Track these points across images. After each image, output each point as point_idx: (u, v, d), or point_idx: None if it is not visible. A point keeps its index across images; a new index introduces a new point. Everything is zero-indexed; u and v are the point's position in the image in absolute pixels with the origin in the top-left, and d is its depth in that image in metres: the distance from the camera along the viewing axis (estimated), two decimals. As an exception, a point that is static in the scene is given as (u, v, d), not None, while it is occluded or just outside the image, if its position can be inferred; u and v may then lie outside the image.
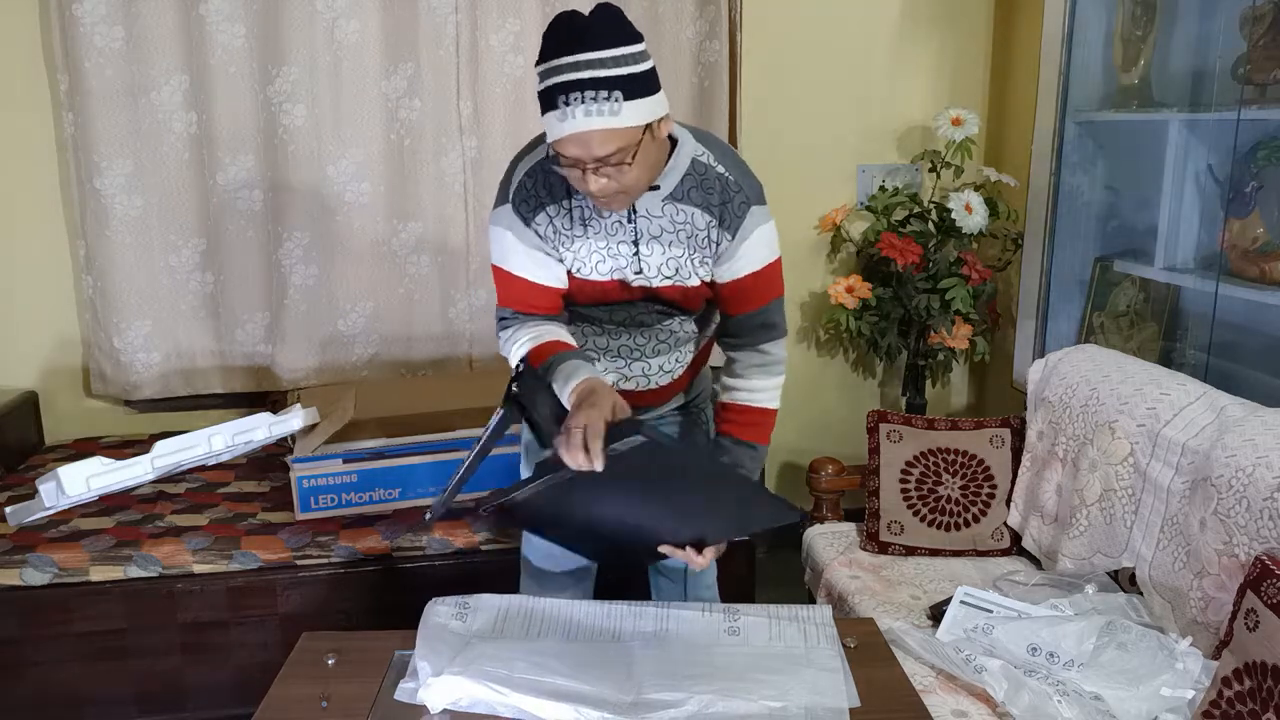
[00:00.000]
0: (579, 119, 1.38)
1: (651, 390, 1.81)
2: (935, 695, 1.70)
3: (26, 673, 2.30)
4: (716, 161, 1.59)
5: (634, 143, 1.42)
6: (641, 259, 1.61)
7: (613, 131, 1.39)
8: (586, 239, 1.60)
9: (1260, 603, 1.48)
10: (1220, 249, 2.32)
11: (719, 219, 1.59)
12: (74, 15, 2.70)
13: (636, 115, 1.40)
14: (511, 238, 1.62)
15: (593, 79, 1.37)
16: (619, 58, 1.39)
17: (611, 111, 1.38)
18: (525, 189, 1.60)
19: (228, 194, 2.88)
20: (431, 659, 1.46)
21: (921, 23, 3.20)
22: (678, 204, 1.57)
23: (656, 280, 1.63)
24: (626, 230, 1.59)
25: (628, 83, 1.39)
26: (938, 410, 3.38)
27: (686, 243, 1.60)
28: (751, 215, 1.60)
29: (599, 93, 1.37)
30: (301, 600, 2.35)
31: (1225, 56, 2.31)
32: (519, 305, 1.66)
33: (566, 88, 1.37)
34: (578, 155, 1.42)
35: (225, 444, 2.47)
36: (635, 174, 1.45)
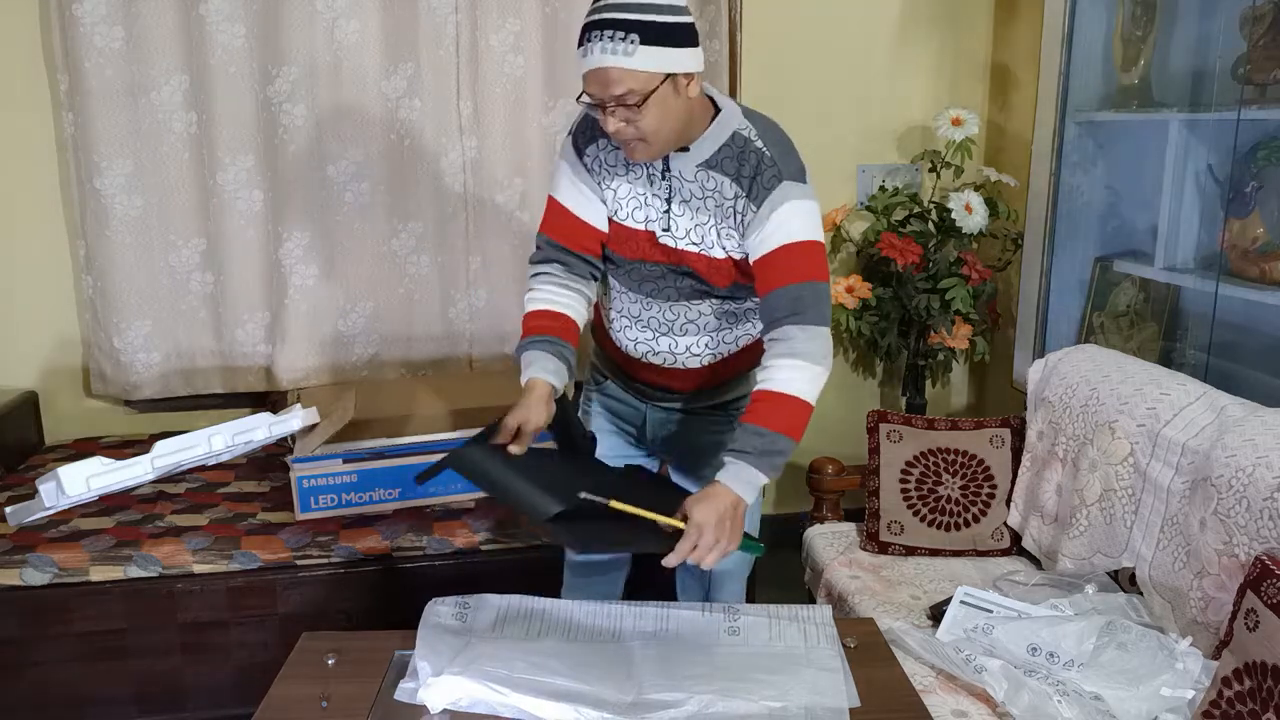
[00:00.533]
0: (595, 55, 1.48)
1: (679, 369, 1.81)
2: (935, 695, 1.70)
3: (26, 673, 2.30)
4: (758, 137, 1.62)
5: (648, 88, 1.48)
6: (672, 218, 1.65)
7: (625, 71, 1.47)
8: (627, 181, 1.66)
9: (1260, 603, 1.48)
10: (1220, 249, 2.32)
11: (747, 191, 1.60)
12: (74, 15, 2.70)
13: (651, 61, 1.47)
14: (565, 167, 1.71)
15: (612, 20, 1.46)
16: (646, 5, 1.47)
17: (625, 52, 1.46)
18: (586, 121, 1.70)
19: (228, 194, 2.88)
20: (431, 659, 1.46)
21: (921, 23, 3.20)
22: (710, 171, 1.60)
23: (683, 243, 1.66)
24: (660, 186, 1.64)
25: (647, 28, 1.46)
26: (938, 410, 3.38)
27: (714, 211, 1.62)
28: (782, 188, 1.60)
29: (616, 33, 1.46)
30: (301, 600, 2.35)
31: (1225, 56, 2.31)
32: (555, 233, 1.74)
33: (590, 26, 1.49)
34: (596, 93, 1.51)
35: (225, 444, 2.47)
36: (651, 122, 1.50)
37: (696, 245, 1.65)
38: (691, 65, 1.52)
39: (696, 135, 1.59)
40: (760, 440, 1.57)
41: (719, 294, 1.73)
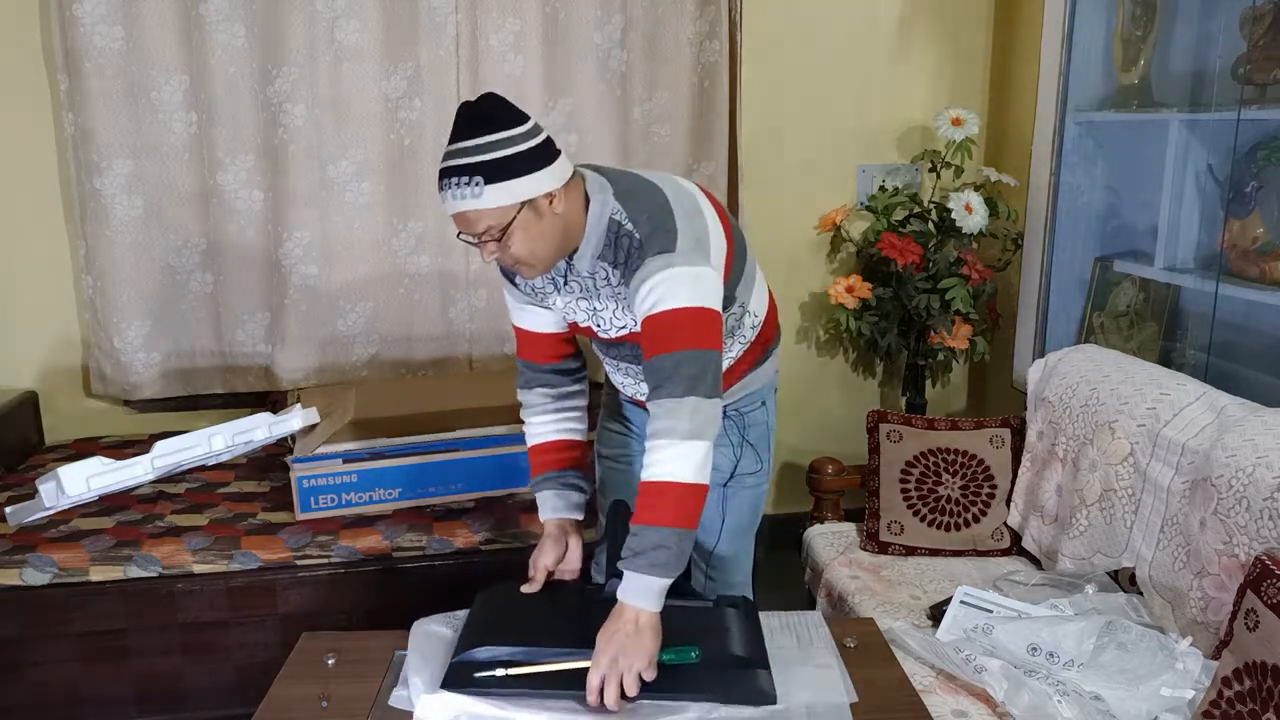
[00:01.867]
0: (449, 202, 1.52)
1: None
2: (935, 695, 1.70)
3: (26, 673, 2.30)
4: (628, 220, 1.58)
5: (506, 220, 1.51)
6: (597, 313, 1.69)
7: (478, 212, 1.50)
8: (557, 294, 1.71)
9: (1260, 603, 1.48)
10: (1220, 249, 2.32)
11: (621, 275, 1.60)
12: (74, 15, 2.70)
13: (501, 196, 1.49)
14: (509, 296, 1.79)
15: (455, 166, 1.50)
16: (484, 145, 1.49)
17: (474, 195, 1.49)
18: None
19: (228, 194, 2.88)
20: (423, 674, 1.47)
21: (921, 23, 3.20)
22: (600, 263, 1.62)
23: (612, 332, 1.71)
24: (576, 290, 1.69)
25: (490, 167, 1.48)
26: (938, 410, 3.38)
27: (613, 298, 1.66)
28: (646, 265, 1.54)
29: (460, 179, 1.49)
30: (301, 600, 2.35)
31: (1225, 56, 2.31)
32: (526, 354, 1.81)
33: (442, 174, 1.52)
34: (464, 231, 1.54)
35: (225, 444, 2.47)
36: (522, 247, 1.54)
37: (623, 329, 1.69)
38: (548, 185, 1.52)
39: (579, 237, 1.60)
40: (636, 540, 1.48)
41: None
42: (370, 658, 1.57)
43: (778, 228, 3.25)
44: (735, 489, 1.90)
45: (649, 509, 1.49)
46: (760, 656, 1.48)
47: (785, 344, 3.33)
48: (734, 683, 1.44)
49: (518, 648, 1.47)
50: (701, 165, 3.10)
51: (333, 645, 1.61)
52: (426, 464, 2.50)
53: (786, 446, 3.35)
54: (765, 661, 1.47)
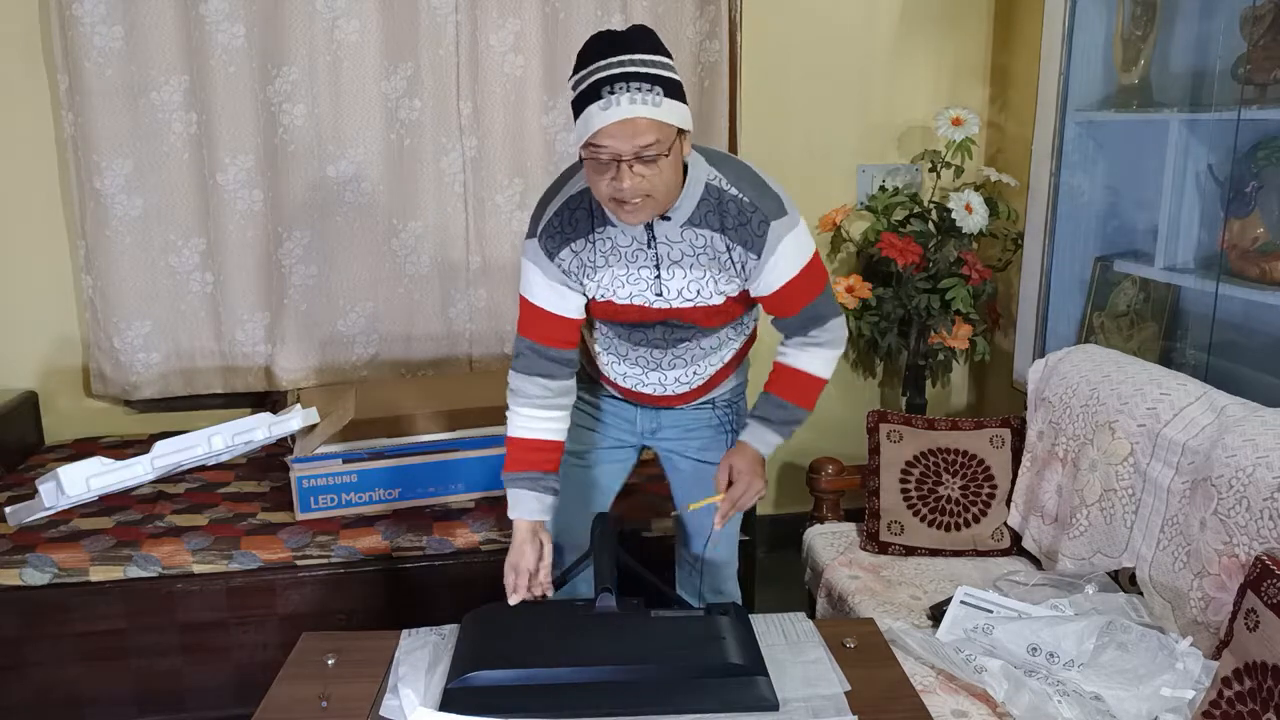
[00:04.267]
0: (624, 106, 1.44)
1: (667, 395, 1.90)
2: (935, 695, 1.70)
3: (26, 673, 2.30)
4: (730, 185, 1.63)
5: (670, 140, 1.49)
6: (663, 282, 1.68)
7: (654, 122, 1.46)
8: (610, 268, 1.69)
9: (1260, 603, 1.48)
10: (1220, 249, 2.32)
11: (742, 243, 1.64)
12: (74, 15, 2.70)
13: (674, 114, 1.49)
14: (536, 271, 1.73)
15: (638, 73, 1.46)
16: (659, 62, 1.49)
17: (654, 102, 1.46)
18: (553, 226, 1.69)
19: (228, 194, 2.88)
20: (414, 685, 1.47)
21: (921, 23, 3.20)
22: (695, 229, 1.63)
23: (677, 302, 1.70)
24: (648, 256, 1.66)
25: (668, 83, 1.48)
26: (938, 410, 3.38)
27: (708, 265, 1.66)
28: (772, 231, 1.63)
29: (644, 85, 1.45)
30: (301, 600, 2.35)
31: (1225, 56, 2.31)
32: (535, 335, 1.77)
33: (613, 79, 1.45)
34: (616, 146, 1.47)
35: (225, 444, 2.48)
36: (665, 177, 1.52)
37: (691, 300, 1.70)
38: (691, 124, 1.55)
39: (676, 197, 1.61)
40: (783, 412, 1.82)
41: (704, 332, 1.80)
42: (370, 658, 1.57)
43: (778, 228, 3.25)
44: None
45: (801, 395, 1.84)
46: (758, 663, 1.48)
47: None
48: (735, 692, 1.44)
49: (514, 671, 1.46)
50: (701, 165, 3.10)
51: (333, 645, 1.61)
52: (427, 464, 2.50)
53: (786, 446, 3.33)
54: (763, 668, 1.47)
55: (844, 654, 1.57)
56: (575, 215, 1.67)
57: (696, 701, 1.43)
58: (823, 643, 1.59)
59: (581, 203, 1.67)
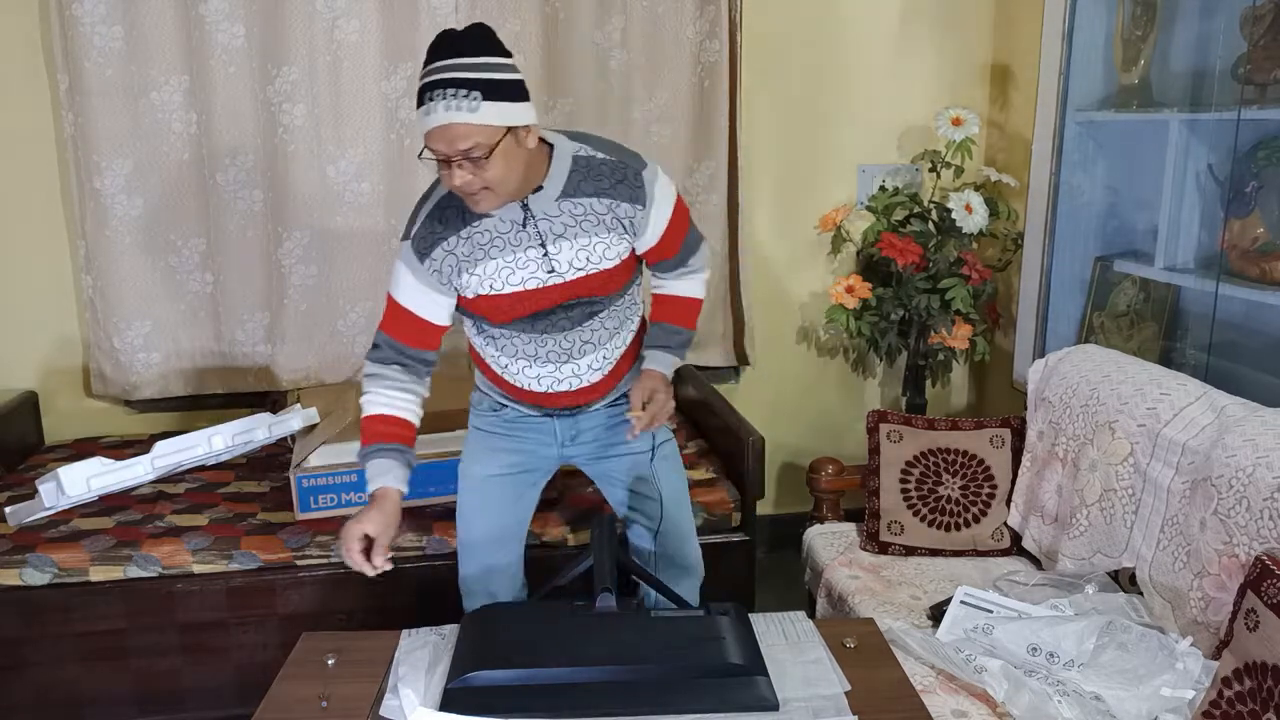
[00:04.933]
0: (439, 113, 1.53)
1: (584, 387, 1.91)
2: (935, 695, 1.70)
3: (26, 673, 2.30)
4: (595, 150, 1.75)
5: (493, 141, 1.55)
6: (551, 258, 1.73)
7: (471, 127, 1.53)
8: (491, 259, 1.73)
9: (1260, 603, 1.48)
10: (1220, 249, 2.32)
11: (626, 198, 1.74)
12: (74, 15, 2.70)
13: (495, 115, 1.55)
14: (406, 271, 1.77)
15: (454, 79, 1.53)
16: (481, 64, 1.55)
17: (470, 108, 1.52)
18: (425, 227, 1.75)
19: (228, 194, 2.88)
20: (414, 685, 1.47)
21: (921, 23, 3.20)
22: (572, 199, 1.71)
23: (569, 274, 1.75)
24: (530, 236, 1.72)
25: (488, 85, 1.54)
26: (938, 410, 3.38)
27: (593, 230, 1.73)
28: (646, 180, 1.76)
29: (459, 91, 1.52)
30: (301, 600, 2.35)
31: (1225, 56, 2.31)
32: (396, 333, 1.82)
33: (432, 86, 1.54)
34: (442, 149, 1.56)
35: (225, 444, 2.48)
36: (497, 172, 1.58)
37: (582, 269, 1.75)
38: (528, 118, 1.61)
39: (542, 175, 1.69)
40: (677, 336, 1.95)
41: (606, 303, 1.84)
42: (370, 658, 1.57)
43: (778, 228, 3.25)
44: (659, 459, 1.97)
45: (685, 318, 1.96)
46: (757, 663, 1.48)
47: (785, 344, 3.35)
48: (735, 692, 1.44)
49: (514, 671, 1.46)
50: (701, 165, 3.10)
51: (333, 645, 1.61)
52: (427, 464, 2.49)
53: (786, 446, 3.35)
54: (763, 668, 1.47)
55: (844, 654, 1.57)
56: (445, 214, 1.73)
57: (696, 701, 1.43)
58: (823, 643, 1.59)
59: (451, 202, 1.72)
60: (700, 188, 3.11)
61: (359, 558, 1.65)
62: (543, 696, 1.43)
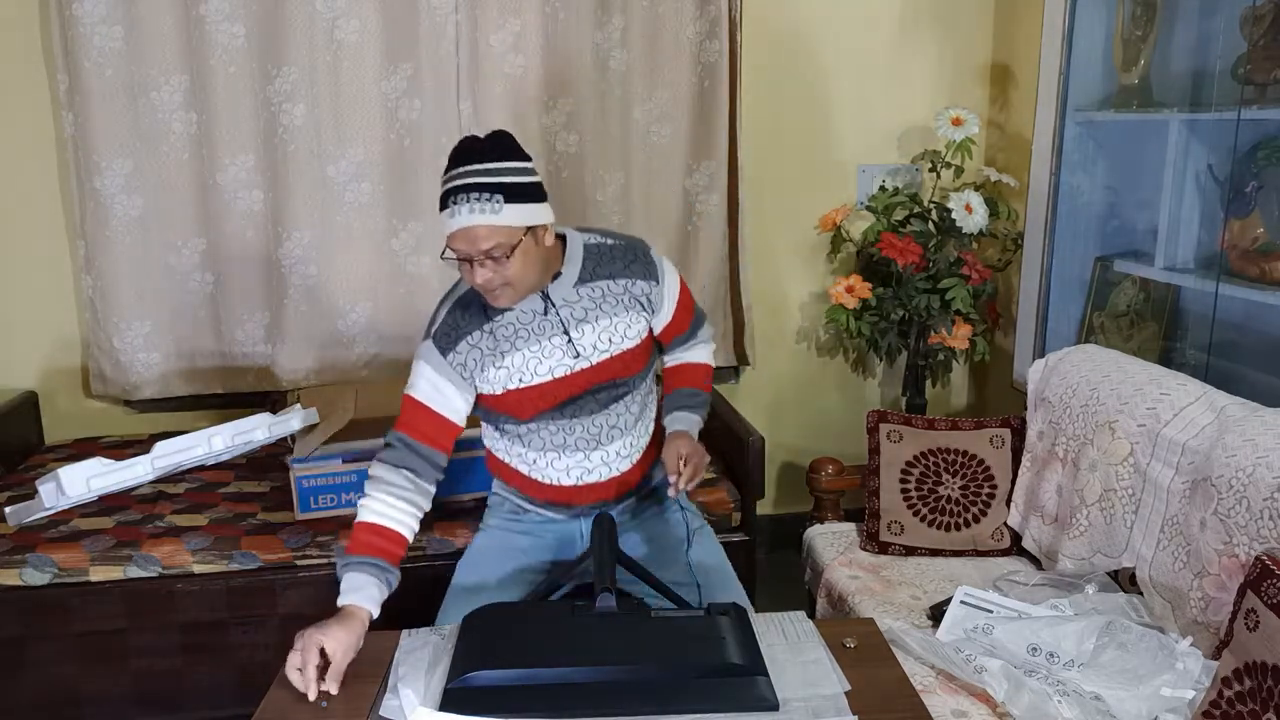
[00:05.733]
0: (463, 216, 1.63)
1: (619, 478, 1.93)
2: (935, 695, 1.70)
3: (26, 673, 2.30)
4: (604, 238, 1.88)
5: (514, 241, 1.66)
6: (575, 343, 1.81)
7: (493, 228, 1.63)
8: (517, 350, 1.80)
9: (1260, 603, 1.48)
10: (1220, 249, 2.32)
11: (640, 276, 1.86)
12: (74, 15, 2.70)
13: (516, 217, 1.65)
14: (427, 368, 1.82)
15: (477, 184, 1.63)
16: (503, 169, 1.65)
17: (493, 210, 1.63)
18: (447, 324, 1.83)
19: (228, 194, 2.88)
20: (414, 685, 1.47)
21: (921, 23, 3.20)
22: (589, 284, 1.82)
23: (595, 357, 1.82)
24: (553, 324, 1.80)
25: (509, 189, 1.64)
26: (938, 410, 3.38)
27: (612, 311, 1.83)
28: (657, 260, 1.89)
29: (482, 195, 1.63)
30: (301, 600, 2.35)
31: (1225, 56, 2.31)
32: (410, 429, 1.82)
33: (456, 190, 1.64)
34: (464, 249, 1.66)
35: (225, 444, 2.48)
36: (517, 269, 1.68)
37: (607, 350, 1.83)
38: (546, 218, 1.71)
39: (559, 265, 1.80)
40: (696, 398, 2.00)
41: (630, 385, 1.89)
42: (370, 658, 1.57)
43: (778, 228, 3.25)
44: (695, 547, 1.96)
45: (701, 380, 2.04)
46: (757, 663, 1.48)
47: (785, 344, 3.35)
48: (735, 692, 1.44)
49: (514, 671, 1.45)
50: (701, 165, 3.10)
51: (333, 645, 1.61)
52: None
53: (786, 446, 3.35)
54: (763, 668, 1.47)
55: (844, 654, 1.57)
56: (468, 312, 1.82)
57: (696, 701, 1.42)
58: (823, 643, 1.59)
59: (473, 299, 1.81)
60: (700, 188, 3.11)
61: (312, 672, 1.45)
62: (543, 696, 1.43)
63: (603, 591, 1.58)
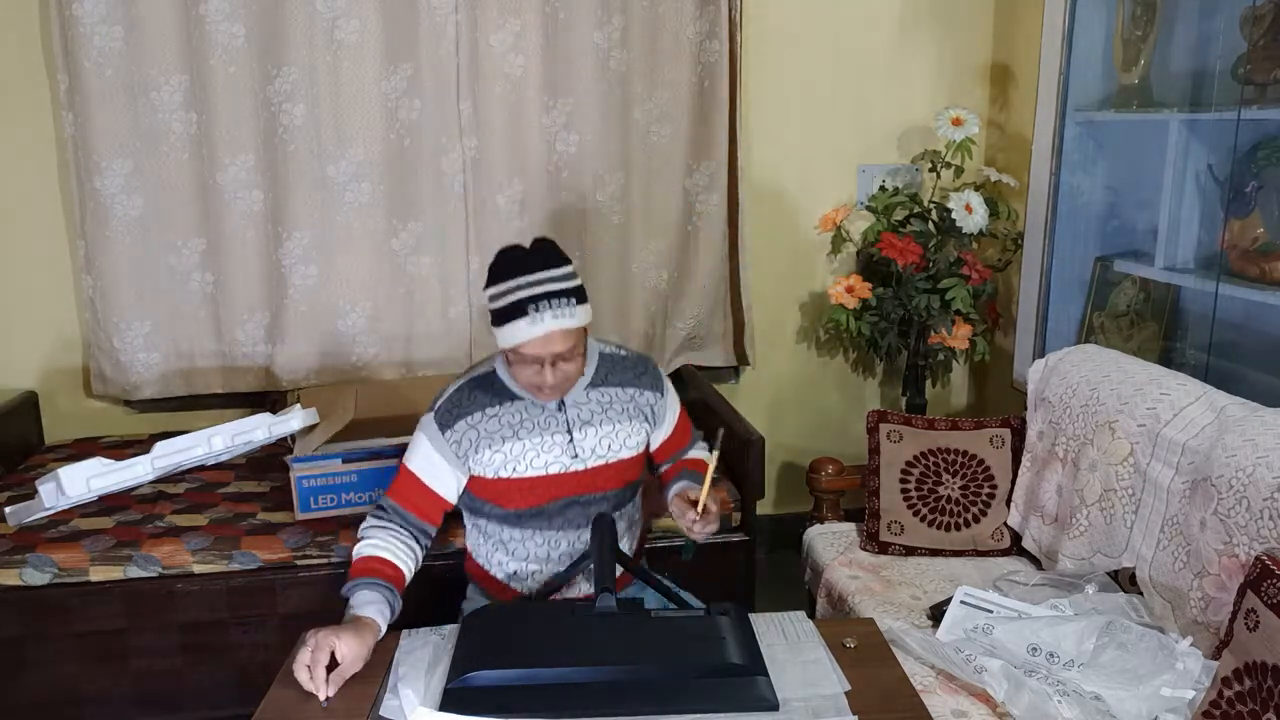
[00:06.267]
0: (548, 321, 1.68)
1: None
2: (935, 695, 1.70)
3: (26, 673, 2.30)
4: (617, 349, 1.96)
5: (582, 339, 1.77)
6: (576, 444, 1.84)
7: (570, 331, 1.72)
8: (519, 439, 1.82)
9: (1260, 603, 1.48)
10: (1220, 249, 2.32)
11: (648, 387, 1.92)
12: (74, 15, 2.70)
13: (586, 316, 1.75)
14: (425, 441, 1.85)
15: (558, 290, 1.70)
16: (568, 274, 1.74)
17: (571, 314, 1.71)
18: (451, 401, 1.86)
19: (228, 194, 2.88)
20: (414, 685, 1.47)
21: (921, 23, 3.20)
22: (600, 388, 1.88)
23: (591, 460, 1.85)
24: (559, 422, 1.84)
25: (578, 292, 1.74)
26: (938, 410, 3.38)
27: (617, 418, 1.88)
28: (660, 372, 1.97)
29: (564, 300, 1.70)
30: (301, 600, 2.35)
31: (1225, 56, 2.31)
32: (402, 500, 1.84)
33: (536, 298, 1.69)
34: (540, 352, 1.70)
35: (225, 444, 2.48)
36: (578, 367, 1.77)
37: (604, 457, 1.86)
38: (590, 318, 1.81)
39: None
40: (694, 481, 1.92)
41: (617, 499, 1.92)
42: (370, 658, 1.57)
43: (778, 228, 3.25)
44: None
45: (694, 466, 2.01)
46: (758, 663, 1.48)
47: (785, 344, 3.35)
48: (735, 692, 1.44)
49: (514, 671, 1.45)
50: (701, 165, 3.10)
51: (333, 645, 1.61)
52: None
53: (786, 446, 3.35)
54: (763, 668, 1.47)
55: (844, 654, 1.57)
56: (474, 393, 1.85)
57: (696, 701, 1.42)
58: (823, 643, 1.59)
59: (483, 384, 1.85)
60: (700, 188, 3.11)
61: (321, 672, 1.45)
62: (543, 696, 1.42)
63: (603, 591, 1.58)
